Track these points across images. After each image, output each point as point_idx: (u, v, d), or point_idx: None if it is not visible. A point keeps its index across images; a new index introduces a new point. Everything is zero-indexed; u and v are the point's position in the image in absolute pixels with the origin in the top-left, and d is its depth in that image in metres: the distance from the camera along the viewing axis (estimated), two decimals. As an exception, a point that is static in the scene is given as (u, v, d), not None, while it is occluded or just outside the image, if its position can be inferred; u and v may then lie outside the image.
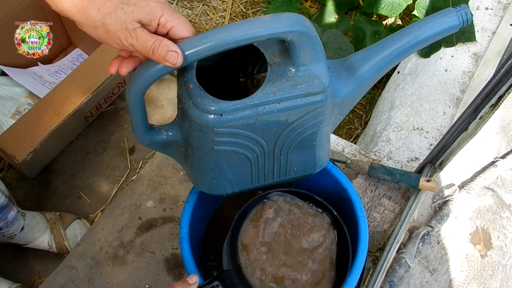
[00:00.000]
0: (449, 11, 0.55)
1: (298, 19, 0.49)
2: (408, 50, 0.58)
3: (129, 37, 0.47)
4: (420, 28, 0.56)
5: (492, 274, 0.92)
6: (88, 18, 0.46)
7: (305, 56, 0.52)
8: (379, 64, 0.58)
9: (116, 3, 0.46)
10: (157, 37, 0.47)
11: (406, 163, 1.02)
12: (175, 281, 0.92)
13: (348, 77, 0.58)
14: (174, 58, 0.47)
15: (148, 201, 1.04)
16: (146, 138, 0.58)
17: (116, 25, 0.46)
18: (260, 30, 0.47)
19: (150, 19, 0.48)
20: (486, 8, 1.27)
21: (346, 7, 1.42)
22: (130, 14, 0.46)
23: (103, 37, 0.48)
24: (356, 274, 0.65)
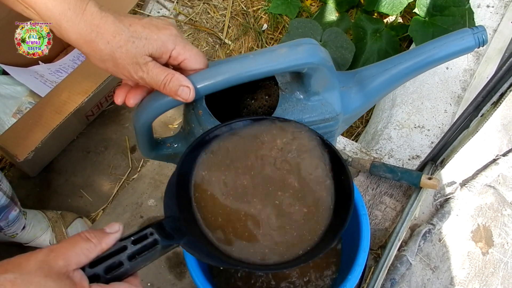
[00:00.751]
0: (466, 32, 0.54)
1: (315, 51, 0.47)
2: (420, 69, 0.56)
3: (140, 71, 0.45)
4: (435, 49, 0.54)
5: (494, 271, 0.92)
6: (96, 51, 0.44)
7: (318, 84, 0.51)
8: (389, 81, 0.57)
9: (126, 36, 0.44)
10: (169, 71, 0.46)
11: (407, 161, 1.02)
12: (176, 279, 0.93)
13: (357, 93, 0.57)
14: (186, 93, 0.46)
15: (149, 200, 1.04)
16: (152, 153, 0.58)
17: (126, 59, 0.44)
18: (275, 64, 0.46)
19: (162, 52, 0.46)
20: (488, 6, 1.27)
21: (347, 5, 1.42)
22: (141, 48, 0.44)
23: (111, 69, 0.46)
24: (358, 271, 0.65)
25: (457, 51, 0.54)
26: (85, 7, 0.43)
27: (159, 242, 0.42)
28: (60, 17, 0.43)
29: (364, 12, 1.39)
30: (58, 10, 0.43)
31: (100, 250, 0.40)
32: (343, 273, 0.68)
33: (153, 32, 0.45)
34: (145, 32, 0.45)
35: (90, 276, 0.40)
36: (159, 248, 0.43)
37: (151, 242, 0.42)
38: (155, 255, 0.43)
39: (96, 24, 0.43)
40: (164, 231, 0.44)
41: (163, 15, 1.47)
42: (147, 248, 0.42)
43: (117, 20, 0.44)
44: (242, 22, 1.49)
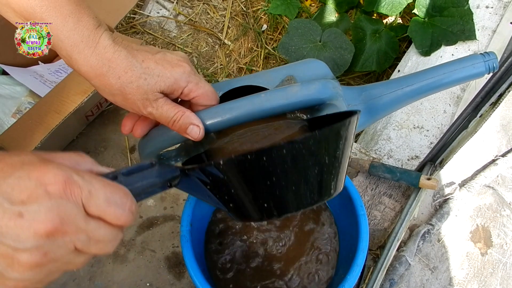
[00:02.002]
0: (477, 59, 0.54)
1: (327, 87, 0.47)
2: (428, 92, 0.56)
3: (149, 107, 0.44)
4: (445, 74, 0.54)
5: (493, 272, 0.92)
6: (106, 85, 0.43)
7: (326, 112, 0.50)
8: (395, 102, 0.57)
9: (138, 73, 0.43)
10: (179, 109, 0.45)
11: (406, 161, 1.03)
12: (175, 279, 0.93)
13: (363, 111, 0.56)
14: (195, 132, 0.45)
15: (148, 200, 1.04)
16: None
17: (136, 94, 0.43)
18: (288, 103, 0.45)
19: (174, 89, 0.45)
20: (487, 7, 1.27)
21: (346, 6, 1.42)
22: (153, 85, 0.43)
23: (120, 103, 0.45)
24: (357, 272, 0.65)
25: (466, 76, 0.54)
26: (98, 39, 0.42)
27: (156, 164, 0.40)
28: (72, 49, 0.42)
29: (364, 13, 1.39)
30: (70, 42, 0.42)
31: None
32: (342, 273, 0.68)
33: (166, 69, 0.44)
34: (157, 68, 0.44)
35: None
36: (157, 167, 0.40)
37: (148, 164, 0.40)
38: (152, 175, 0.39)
39: (109, 59, 0.42)
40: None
41: (162, 16, 1.47)
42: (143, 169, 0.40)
43: (130, 55, 0.43)
44: (242, 22, 1.49)
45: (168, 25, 1.47)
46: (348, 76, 1.39)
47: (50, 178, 0.29)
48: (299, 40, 1.28)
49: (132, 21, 1.44)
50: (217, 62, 1.43)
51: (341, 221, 0.78)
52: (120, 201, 0.33)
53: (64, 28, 0.41)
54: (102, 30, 0.43)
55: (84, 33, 0.42)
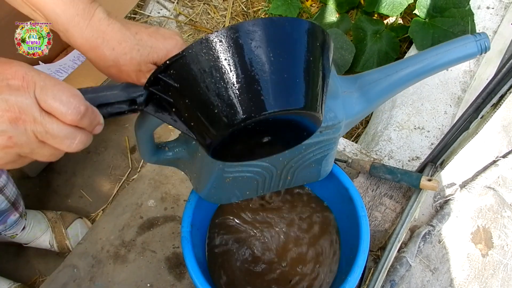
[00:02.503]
0: (468, 39, 0.54)
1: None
2: (422, 75, 0.56)
3: (143, 78, 0.45)
4: (437, 55, 0.55)
5: (493, 273, 0.92)
6: (101, 57, 0.44)
7: None
8: (391, 87, 0.57)
9: (131, 44, 0.44)
10: None
11: (407, 162, 1.02)
12: (176, 280, 0.93)
13: (359, 98, 0.57)
14: None
15: (149, 200, 1.04)
16: (153, 159, 0.58)
17: (130, 65, 0.44)
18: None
19: None
20: (488, 7, 1.27)
21: (347, 6, 1.42)
22: (146, 56, 0.44)
23: (115, 75, 0.46)
24: (358, 273, 0.65)
25: (459, 57, 0.55)
26: (93, 12, 0.43)
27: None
28: (68, 22, 0.43)
29: (364, 13, 1.39)
30: (66, 15, 0.43)
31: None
32: (343, 274, 0.68)
33: (158, 41, 0.45)
34: (150, 40, 0.45)
35: None
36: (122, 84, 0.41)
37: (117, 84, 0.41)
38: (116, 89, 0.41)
39: (103, 31, 0.43)
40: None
41: (163, 16, 1.47)
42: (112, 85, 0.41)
43: (123, 28, 0.44)
44: (242, 23, 1.49)
45: (168, 25, 1.47)
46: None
47: (12, 73, 0.34)
48: (300, 41, 1.28)
49: (133, 21, 1.44)
50: (218, 63, 1.43)
51: (342, 222, 0.78)
52: (66, 100, 0.35)
53: (60, 2, 0.43)
54: (97, 4, 0.44)
55: (79, 6, 0.43)
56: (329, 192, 0.78)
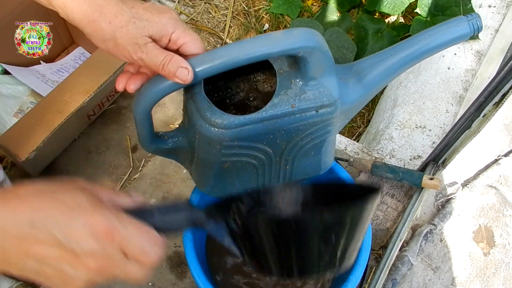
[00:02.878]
0: (460, 20, 0.54)
1: (311, 35, 0.48)
2: (417, 58, 0.56)
3: (139, 51, 0.46)
4: (430, 37, 0.55)
5: (495, 272, 0.92)
6: (98, 31, 0.45)
7: (315, 69, 0.51)
8: (387, 72, 0.57)
9: (128, 17, 0.45)
10: (168, 53, 0.47)
11: (408, 161, 1.02)
12: (177, 279, 0.93)
13: (355, 84, 0.57)
14: (184, 75, 0.46)
15: (150, 200, 1.04)
16: (152, 147, 0.58)
17: (126, 39, 0.45)
18: (271, 47, 0.47)
19: (162, 35, 0.47)
20: (489, 6, 1.26)
21: (348, 5, 1.42)
22: (142, 29, 0.45)
23: (112, 50, 0.47)
24: (359, 271, 0.65)
25: (452, 38, 0.55)
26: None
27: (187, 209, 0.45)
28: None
29: (366, 12, 1.39)
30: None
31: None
32: (344, 273, 0.68)
33: (154, 15, 0.46)
34: (146, 14, 0.46)
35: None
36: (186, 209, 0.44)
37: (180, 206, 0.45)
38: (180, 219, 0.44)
39: (100, 4, 0.44)
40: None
41: (164, 15, 1.47)
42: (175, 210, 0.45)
43: (120, 1, 0.45)
44: (244, 22, 1.49)
45: (169, 25, 1.47)
46: (350, 76, 1.39)
47: (99, 226, 0.37)
48: (301, 40, 1.28)
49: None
50: (219, 62, 1.43)
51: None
52: (150, 249, 0.39)
53: None
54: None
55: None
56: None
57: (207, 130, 0.52)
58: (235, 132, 0.52)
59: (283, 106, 0.52)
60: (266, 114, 0.52)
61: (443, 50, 0.56)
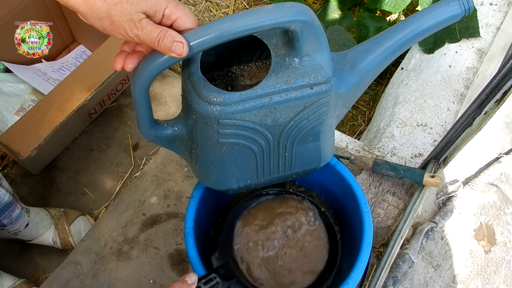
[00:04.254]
0: (451, 0, 0.55)
1: (301, 9, 0.49)
2: (411, 41, 0.58)
3: (134, 28, 0.47)
4: (422, 18, 0.56)
5: (496, 270, 0.92)
6: (94, 9, 0.46)
7: (308, 46, 0.52)
8: (382, 55, 0.58)
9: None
10: (162, 28, 0.48)
11: (410, 159, 1.02)
12: (179, 276, 0.93)
13: (351, 69, 0.58)
14: (179, 48, 0.47)
15: (152, 197, 1.04)
16: (151, 133, 0.59)
17: (121, 16, 0.46)
18: (263, 20, 0.47)
19: (155, 10, 0.48)
20: (491, 4, 1.26)
21: (349, 3, 1.42)
22: (136, 5, 0.46)
23: (108, 28, 0.48)
24: (361, 269, 0.65)
25: (444, 19, 0.56)
26: None
27: (220, 284, 0.60)
28: None
29: (367, 10, 1.39)
30: None
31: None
32: (346, 270, 0.68)
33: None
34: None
35: None
36: (220, 287, 0.60)
37: (215, 283, 0.60)
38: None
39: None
40: (221, 274, 0.61)
41: (165, 13, 1.47)
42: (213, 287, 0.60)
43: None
44: (245, 20, 1.49)
45: (170, 23, 1.47)
46: (351, 74, 1.39)
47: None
48: (302, 38, 1.28)
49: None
50: (220, 60, 1.43)
51: (344, 218, 0.78)
52: None
53: None
54: None
55: None
56: (332, 189, 0.78)
57: (204, 108, 0.53)
58: (231, 109, 0.53)
59: (278, 83, 0.53)
60: (262, 91, 0.53)
61: (435, 31, 0.57)
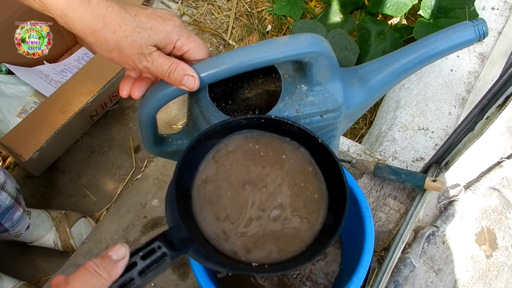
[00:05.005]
0: (466, 25, 0.54)
1: (316, 40, 0.48)
2: (422, 63, 0.56)
3: (144, 61, 0.45)
4: (436, 42, 0.55)
5: (498, 274, 0.91)
6: (102, 41, 0.44)
7: (321, 75, 0.51)
8: (391, 76, 0.57)
9: (132, 26, 0.44)
10: (174, 61, 0.46)
11: (411, 163, 1.02)
12: (180, 279, 0.93)
13: (360, 88, 0.57)
14: (191, 82, 0.46)
15: (153, 200, 1.04)
16: (156, 149, 0.58)
17: (131, 49, 0.44)
18: (276, 53, 0.46)
19: (166, 43, 0.46)
20: (492, 8, 1.26)
21: (351, 7, 1.42)
22: (147, 39, 0.45)
23: (117, 59, 0.46)
24: (362, 273, 0.65)
25: (458, 44, 0.55)
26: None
27: (167, 255, 0.43)
28: (67, 7, 0.42)
29: (368, 14, 1.39)
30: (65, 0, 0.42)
31: (111, 282, 0.40)
32: (347, 275, 0.68)
33: (158, 23, 0.45)
34: (150, 22, 0.45)
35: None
36: (168, 260, 0.43)
37: (160, 256, 0.43)
38: (164, 268, 0.43)
39: (102, 14, 0.43)
40: (170, 243, 0.44)
41: (167, 16, 1.47)
42: (156, 262, 0.43)
43: (122, 10, 0.44)
44: (246, 23, 1.49)
45: (172, 26, 1.47)
46: (352, 77, 1.39)
47: None
48: (304, 41, 1.28)
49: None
50: (222, 63, 1.43)
51: (346, 222, 0.78)
52: None
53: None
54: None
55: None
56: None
57: None
58: None
59: (288, 111, 0.52)
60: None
61: (448, 55, 0.56)
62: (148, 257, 0.42)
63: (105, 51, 0.45)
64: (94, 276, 0.39)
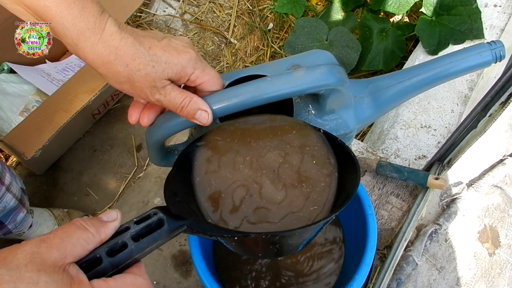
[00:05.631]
0: (483, 48, 0.53)
1: (332, 71, 0.47)
2: (434, 82, 0.55)
3: (157, 94, 0.44)
4: (451, 63, 0.54)
5: (500, 272, 0.91)
6: (114, 73, 0.43)
7: (334, 103, 0.51)
8: (402, 93, 0.56)
9: (146, 60, 0.42)
10: (187, 95, 0.45)
11: (413, 161, 1.02)
12: (182, 277, 0.93)
13: (370, 103, 0.56)
14: (204, 117, 0.45)
15: (155, 198, 1.04)
16: (163, 162, 0.58)
17: (144, 82, 0.43)
18: (293, 86, 0.45)
19: (181, 76, 0.45)
20: (495, 5, 1.26)
21: (353, 4, 1.42)
22: (161, 73, 0.43)
23: (128, 91, 0.45)
24: (365, 271, 0.65)
25: (473, 65, 0.54)
26: (104, 26, 0.41)
27: (164, 222, 0.40)
28: (78, 37, 0.41)
29: (370, 12, 1.38)
30: (77, 29, 0.41)
31: (98, 240, 0.37)
32: (350, 272, 0.68)
33: (173, 56, 0.44)
34: (164, 55, 0.44)
35: (91, 260, 0.36)
36: (166, 228, 0.40)
37: (156, 222, 0.40)
38: (161, 236, 0.39)
39: (115, 46, 0.42)
40: (169, 212, 0.41)
41: (168, 14, 1.47)
42: (152, 228, 0.39)
43: (136, 42, 0.43)
44: (248, 21, 1.49)
45: (174, 24, 1.47)
46: (354, 75, 1.39)
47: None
48: (306, 39, 1.28)
49: (139, 19, 1.44)
50: (223, 61, 1.43)
51: (349, 220, 0.78)
52: None
53: (69, 15, 0.40)
54: (107, 16, 0.42)
55: (89, 19, 0.41)
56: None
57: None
58: None
59: None
60: None
61: (462, 75, 0.55)
62: (142, 222, 0.39)
63: (116, 83, 0.44)
64: (79, 228, 0.36)
